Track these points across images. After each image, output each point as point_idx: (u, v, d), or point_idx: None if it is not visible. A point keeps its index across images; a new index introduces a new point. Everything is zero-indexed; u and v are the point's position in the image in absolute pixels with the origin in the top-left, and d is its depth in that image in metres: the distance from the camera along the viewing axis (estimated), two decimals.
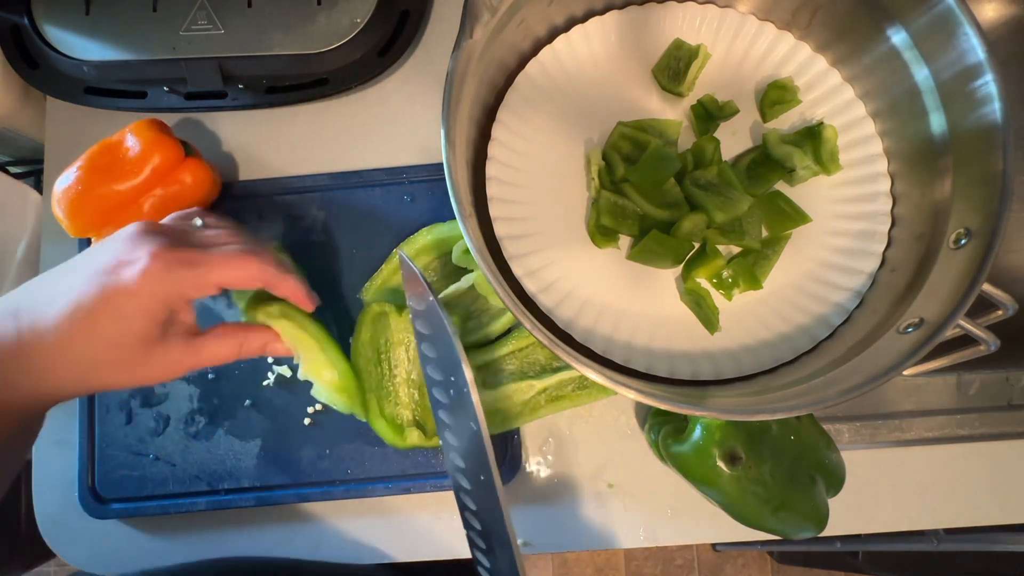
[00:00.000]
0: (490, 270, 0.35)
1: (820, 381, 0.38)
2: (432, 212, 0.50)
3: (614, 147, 0.46)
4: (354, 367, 0.46)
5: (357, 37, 0.50)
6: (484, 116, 0.46)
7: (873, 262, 0.44)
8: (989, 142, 0.37)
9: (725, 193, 0.44)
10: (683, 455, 0.42)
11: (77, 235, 0.46)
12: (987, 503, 0.49)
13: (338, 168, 0.52)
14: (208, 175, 0.47)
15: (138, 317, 0.31)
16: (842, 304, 0.43)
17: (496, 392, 0.47)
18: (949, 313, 0.35)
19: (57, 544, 0.49)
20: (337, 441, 0.48)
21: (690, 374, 0.42)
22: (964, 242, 0.37)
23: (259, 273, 0.35)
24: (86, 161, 0.45)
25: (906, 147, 0.44)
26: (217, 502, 0.47)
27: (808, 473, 0.42)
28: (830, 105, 0.47)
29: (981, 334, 0.36)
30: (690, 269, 0.44)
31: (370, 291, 0.49)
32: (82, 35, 0.49)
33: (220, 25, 0.49)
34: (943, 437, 0.49)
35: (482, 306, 0.49)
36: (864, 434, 0.49)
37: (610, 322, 0.43)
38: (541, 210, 0.45)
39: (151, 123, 0.46)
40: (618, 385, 0.34)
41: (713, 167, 0.45)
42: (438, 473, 0.48)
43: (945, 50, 0.39)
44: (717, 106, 0.46)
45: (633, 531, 0.48)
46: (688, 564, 1.28)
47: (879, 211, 0.44)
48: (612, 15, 0.47)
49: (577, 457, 0.49)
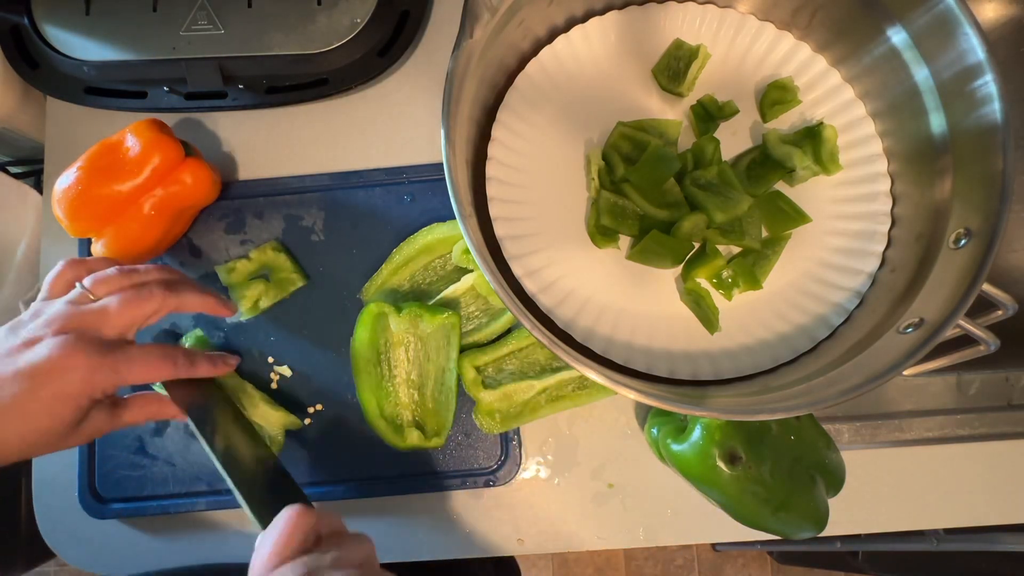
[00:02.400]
0: (490, 270, 0.35)
1: (820, 381, 0.38)
2: (432, 212, 0.50)
3: (614, 147, 0.46)
4: (354, 368, 0.47)
5: (357, 37, 0.50)
6: (484, 116, 0.46)
7: (873, 262, 0.44)
8: (989, 142, 0.37)
9: (725, 193, 0.44)
10: (683, 455, 0.42)
11: (77, 235, 0.46)
12: (987, 503, 0.49)
13: (338, 168, 0.52)
14: (208, 175, 0.47)
15: (69, 411, 0.36)
16: (842, 304, 0.43)
17: (496, 392, 0.47)
18: (949, 313, 0.35)
19: (57, 544, 0.49)
20: (337, 441, 0.48)
21: (690, 374, 0.42)
22: (964, 242, 0.37)
23: (172, 373, 0.40)
24: (86, 161, 0.45)
25: (906, 147, 0.44)
26: (217, 502, 0.47)
27: (808, 473, 0.42)
28: (830, 105, 0.47)
29: (981, 334, 0.36)
30: (690, 269, 0.44)
31: (370, 291, 0.49)
32: (82, 35, 0.49)
33: (220, 25, 0.49)
34: (943, 437, 0.49)
35: (482, 306, 0.49)
36: (864, 434, 0.49)
37: (610, 322, 0.43)
38: (541, 210, 0.45)
39: (151, 123, 0.46)
40: (618, 385, 0.34)
41: (713, 167, 0.45)
42: (438, 473, 0.48)
43: (945, 50, 0.39)
44: (717, 106, 0.46)
45: (633, 531, 0.48)
46: (688, 564, 1.28)
47: (879, 211, 0.44)
48: (612, 15, 0.47)
49: (577, 457, 0.49)
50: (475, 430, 0.48)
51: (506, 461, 0.48)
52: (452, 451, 0.48)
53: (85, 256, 0.50)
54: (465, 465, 0.48)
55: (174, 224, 0.48)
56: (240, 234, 0.51)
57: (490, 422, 0.47)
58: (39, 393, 0.35)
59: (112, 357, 0.37)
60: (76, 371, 0.35)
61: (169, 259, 0.51)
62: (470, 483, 0.48)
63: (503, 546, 0.48)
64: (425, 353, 0.48)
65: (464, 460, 0.48)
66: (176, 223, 0.48)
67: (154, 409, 0.42)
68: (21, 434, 0.35)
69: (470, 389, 0.47)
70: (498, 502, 0.49)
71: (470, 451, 0.48)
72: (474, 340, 0.48)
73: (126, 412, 0.40)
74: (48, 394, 0.35)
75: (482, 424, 0.47)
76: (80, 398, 0.36)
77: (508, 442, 0.48)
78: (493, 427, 0.47)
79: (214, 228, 0.51)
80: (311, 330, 0.49)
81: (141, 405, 0.41)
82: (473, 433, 0.48)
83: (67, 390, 0.36)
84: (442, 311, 0.47)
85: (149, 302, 0.39)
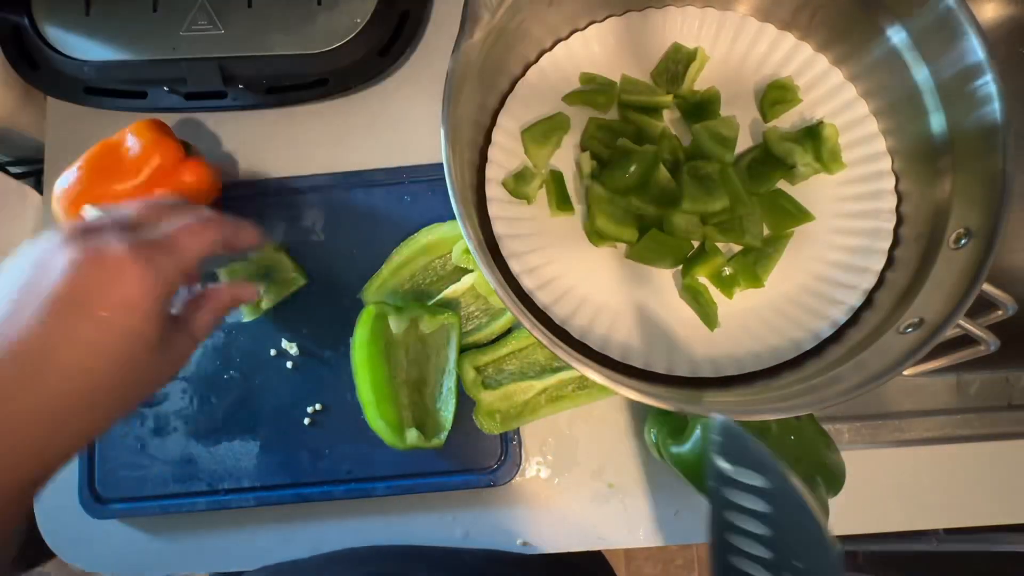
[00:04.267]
0: (489, 269, 0.35)
1: (820, 381, 0.38)
2: (432, 212, 0.50)
3: (592, 139, 0.46)
4: (354, 368, 0.47)
5: (357, 37, 0.50)
6: (485, 118, 0.46)
7: (879, 260, 0.43)
8: (989, 142, 0.37)
9: (708, 185, 0.44)
10: (683, 455, 0.42)
11: None
12: (987, 503, 0.49)
13: (338, 168, 0.52)
14: (208, 175, 0.47)
15: (141, 322, 0.29)
16: (847, 303, 0.43)
17: (496, 392, 0.47)
18: (949, 313, 0.35)
19: (57, 544, 0.49)
20: (337, 441, 0.48)
21: (689, 371, 0.42)
22: (964, 242, 0.37)
23: (218, 232, 0.33)
24: (86, 161, 0.45)
25: (906, 147, 0.44)
26: (217, 502, 0.47)
27: (808, 473, 0.42)
28: (832, 104, 0.46)
29: (981, 334, 0.36)
30: (690, 267, 0.44)
31: (370, 291, 0.49)
32: (82, 35, 0.49)
33: (220, 25, 0.49)
34: (943, 437, 0.49)
35: (482, 306, 0.49)
36: (864, 434, 0.49)
37: (608, 320, 0.43)
38: (541, 209, 0.45)
39: (151, 123, 0.46)
40: (618, 385, 0.34)
41: (714, 162, 0.44)
42: (438, 473, 0.48)
43: (945, 50, 0.39)
44: (697, 96, 0.46)
45: (633, 531, 0.48)
46: (688, 564, 1.28)
47: (884, 208, 0.44)
48: (611, 21, 0.47)
49: (577, 457, 0.49)
50: (475, 430, 0.48)
51: (506, 461, 0.48)
52: (452, 451, 0.48)
53: None
54: (465, 465, 0.48)
55: None
56: None
57: (490, 422, 0.47)
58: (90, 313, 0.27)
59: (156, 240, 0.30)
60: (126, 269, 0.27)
61: None
62: (470, 483, 0.48)
63: (503, 546, 0.48)
64: (425, 353, 0.48)
65: (464, 460, 0.48)
66: None
67: (227, 297, 0.36)
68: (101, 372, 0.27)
69: (470, 389, 0.47)
70: (498, 502, 0.49)
71: (470, 451, 0.48)
72: (474, 340, 0.48)
73: (196, 323, 0.34)
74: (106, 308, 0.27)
75: (482, 424, 0.47)
76: (146, 301, 0.28)
77: (508, 442, 0.48)
78: (493, 427, 0.47)
79: None
80: (311, 330, 0.49)
81: (214, 299, 0.35)
82: (473, 433, 0.48)
83: (127, 294, 0.28)
84: (442, 311, 0.47)
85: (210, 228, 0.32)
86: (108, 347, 0.28)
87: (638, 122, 0.46)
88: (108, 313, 0.27)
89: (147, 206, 0.33)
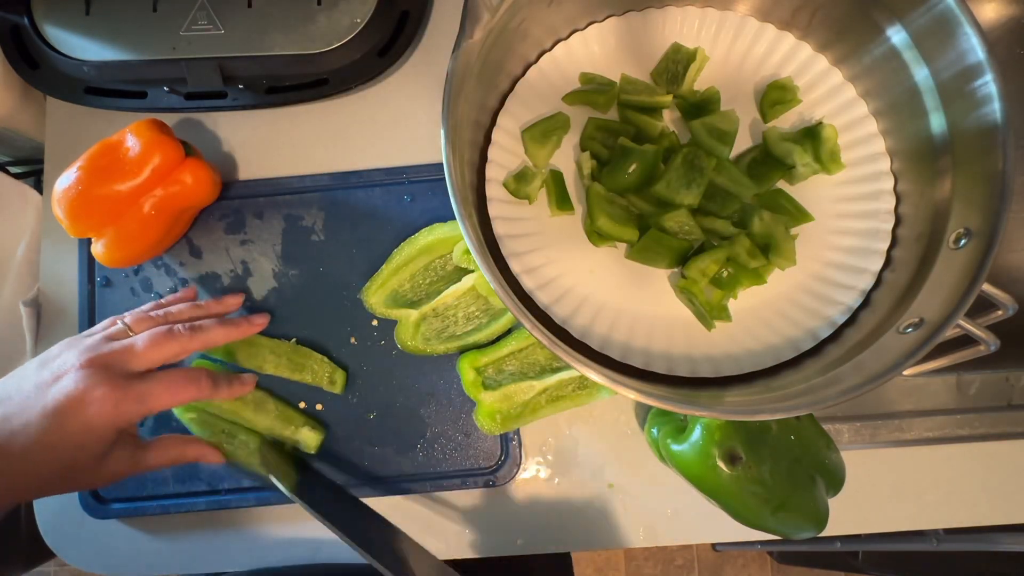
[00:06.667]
0: (489, 269, 0.35)
1: (820, 381, 0.38)
2: (432, 212, 0.50)
3: (592, 139, 0.46)
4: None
5: (357, 37, 0.50)
6: (485, 118, 0.46)
7: (878, 261, 0.44)
8: (989, 142, 0.37)
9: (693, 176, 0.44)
10: (683, 455, 0.42)
11: (77, 235, 0.46)
12: (987, 503, 0.49)
13: (338, 168, 0.52)
14: (208, 175, 0.47)
15: (94, 442, 0.37)
16: (846, 303, 0.43)
17: (496, 392, 0.47)
18: (949, 313, 0.35)
19: (57, 544, 0.49)
20: (337, 441, 0.48)
21: (688, 371, 0.42)
22: (964, 242, 0.37)
23: (196, 395, 0.40)
24: (86, 161, 0.45)
25: (906, 147, 0.44)
26: (217, 502, 0.47)
27: (808, 473, 0.42)
28: (832, 104, 0.46)
29: (981, 334, 0.36)
30: (689, 268, 0.44)
31: (370, 291, 0.49)
32: (82, 35, 0.49)
33: (220, 25, 0.49)
34: (943, 437, 0.49)
35: (482, 306, 0.49)
36: (864, 434, 0.49)
37: (608, 319, 0.43)
38: (541, 209, 0.45)
39: (151, 123, 0.46)
40: (618, 385, 0.34)
41: (711, 158, 0.44)
42: (438, 473, 0.48)
43: (945, 50, 0.39)
44: (696, 96, 0.46)
45: (633, 531, 0.48)
46: (688, 564, 1.28)
47: (883, 209, 0.44)
48: (611, 21, 0.47)
49: (577, 457, 0.49)
50: (475, 430, 0.48)
51: (506, 461, 0.48)
52: (452, 451, 0.48)
53: (84, 254, 0.51)
54: (465, 465, 0.48)
55: (174, 224, 0.48)
56: (240, 234, 0.51)
57: (490, 423, 0.47)
58: (65, 426, 0.36)
59: (136, 386, 0.38)
60: (102, 402, 0.36)
61: (169, 259, 0.51)
62: (470, 483, 0.48)
63: (503, 546, 0.48)
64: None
65: (464, 460, 0.48)
66: (176, 223, 0.48)
67: (178, 451, 0.42)
68: (48, 469, 0.36)
69: (470, 390, 0.47)
70: (498, 502, 0.49)
71: (470, 451, 0.48)
72: (474, 340, 0.48)
73: (149, 454, 0.41)
74: (74, 426, 0.36)
75: (482, 425, 0.47)
76: (106, 429, 0.37)
77: (508, 442, 0.48)
78: (493, 428, 0.47)
79: (214, 228, 0.51)
80: (311, 330, 0.49)
81: (165, 447, 0.42)
82: (473, 433, 0.48)
83: (93, 421, 0.36)
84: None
85: (173, 343, 0.40)
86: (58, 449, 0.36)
87: (638, 122, 0.46)
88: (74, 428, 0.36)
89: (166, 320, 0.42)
